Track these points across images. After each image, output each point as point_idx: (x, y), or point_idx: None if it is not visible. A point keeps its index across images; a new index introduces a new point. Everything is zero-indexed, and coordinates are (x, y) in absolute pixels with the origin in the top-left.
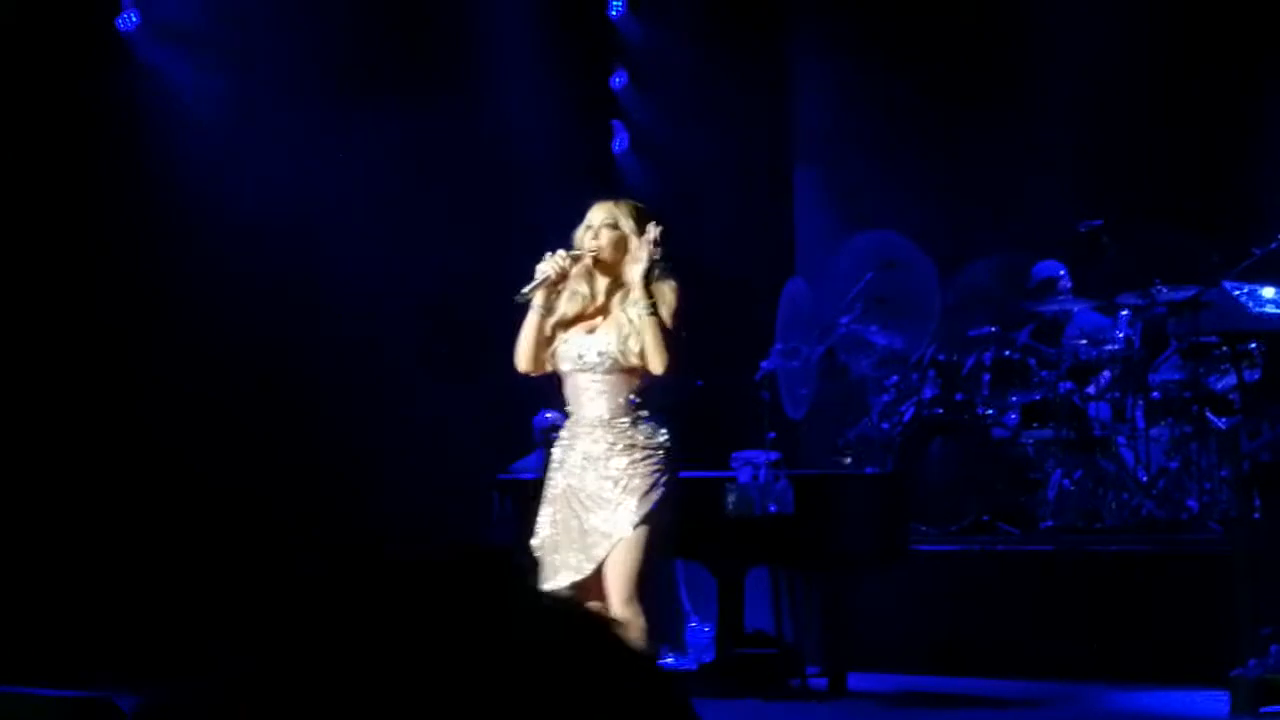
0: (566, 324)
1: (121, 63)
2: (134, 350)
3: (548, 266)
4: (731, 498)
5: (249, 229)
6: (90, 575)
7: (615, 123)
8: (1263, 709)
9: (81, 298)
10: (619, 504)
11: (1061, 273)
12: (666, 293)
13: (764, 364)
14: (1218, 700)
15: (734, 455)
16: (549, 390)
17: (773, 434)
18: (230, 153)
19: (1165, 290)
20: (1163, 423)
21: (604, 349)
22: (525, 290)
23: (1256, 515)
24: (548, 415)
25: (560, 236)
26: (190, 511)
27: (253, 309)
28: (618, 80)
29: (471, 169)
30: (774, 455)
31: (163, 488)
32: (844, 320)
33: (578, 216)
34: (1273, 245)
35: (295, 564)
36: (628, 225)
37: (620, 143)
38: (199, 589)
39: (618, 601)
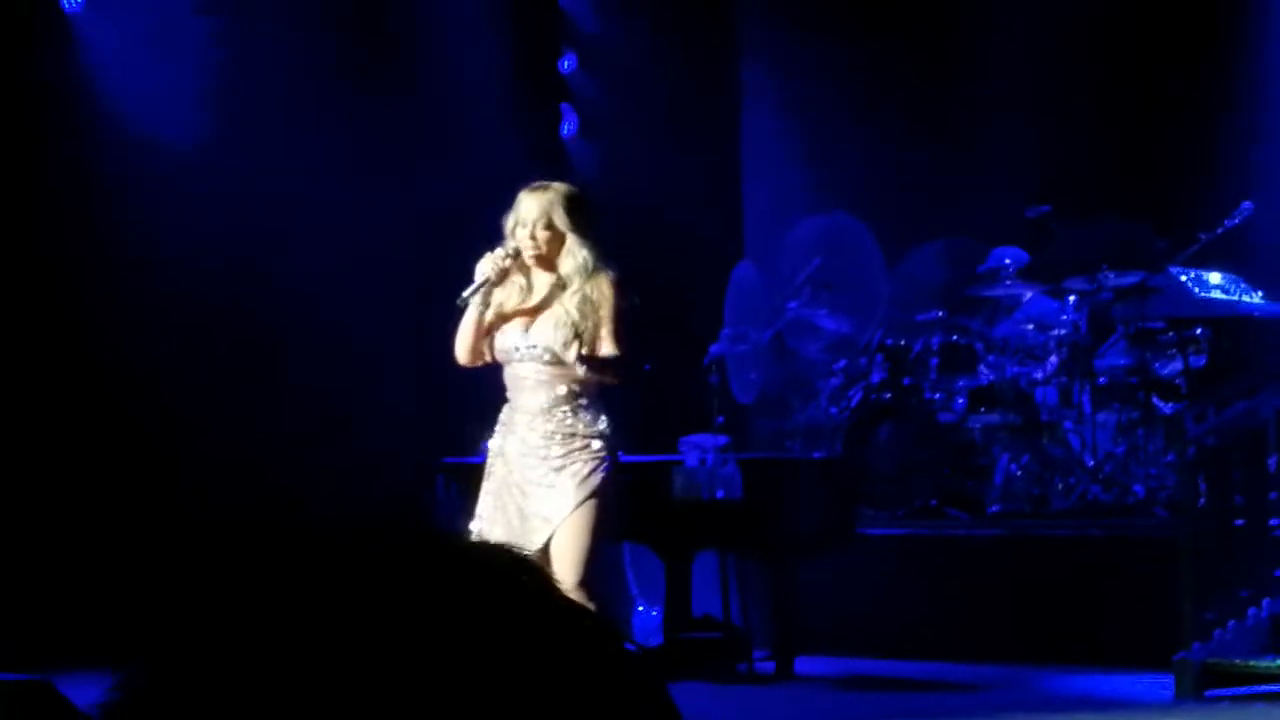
0: (504, 316)
1: (65, 44)
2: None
3: (488, 267)
4: (679, 482)
5: (191, 211)
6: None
7: (564, 107)
8: (1207, 693)
9: (30, 275)
10: (558, 489)
11: (1008, 261)
12: (605, 287)
13: (712, 348)
14: (1163, 684)
15: (682, 440)
16: (493, 375)
17: (721, 418)
18: (177, 134)
19: (1112, 276)
20: (1109, 408)
21: (539, 342)
22: (466, 294)
23: (1201, 500)
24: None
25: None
26: (134, 487)
27: (203, 289)
28: (567, 64)
29: (419, 154)
30: (722, 440)
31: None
32: (792, 305)
33: None
34: (1218, 231)
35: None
36: (561, 220)
37: (569, 127)
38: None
39: (564, 588)
